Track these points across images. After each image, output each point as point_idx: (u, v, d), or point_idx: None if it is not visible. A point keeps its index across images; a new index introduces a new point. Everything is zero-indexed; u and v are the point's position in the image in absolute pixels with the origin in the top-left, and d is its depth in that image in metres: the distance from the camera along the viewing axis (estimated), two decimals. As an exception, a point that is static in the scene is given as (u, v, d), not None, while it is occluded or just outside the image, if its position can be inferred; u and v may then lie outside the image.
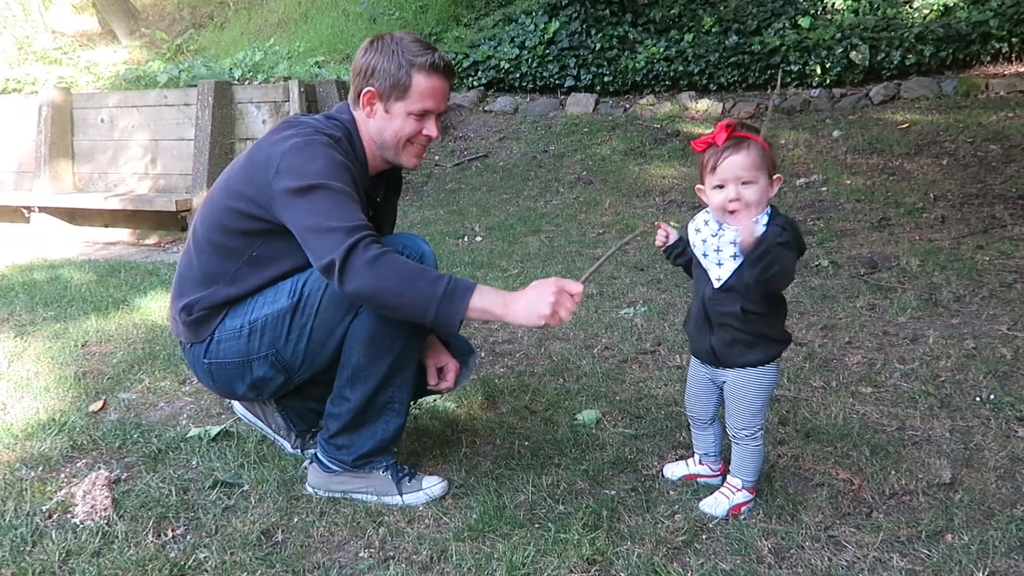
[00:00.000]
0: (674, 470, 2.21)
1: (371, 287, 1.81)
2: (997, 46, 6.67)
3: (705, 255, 1.95)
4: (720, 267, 1.92)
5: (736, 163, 1.85)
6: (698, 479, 2.17)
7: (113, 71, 8.51)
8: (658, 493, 2.12)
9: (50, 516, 2.07)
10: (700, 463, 2.18)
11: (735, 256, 1.88)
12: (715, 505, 2.02)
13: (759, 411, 1.98)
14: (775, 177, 1.91)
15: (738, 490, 2.01)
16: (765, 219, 1.88)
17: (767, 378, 1.97)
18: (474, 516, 2.01)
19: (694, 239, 1.98)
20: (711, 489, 2.08)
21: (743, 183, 1.86)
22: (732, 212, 1.87)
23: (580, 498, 2.10)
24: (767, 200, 1.89)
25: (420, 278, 1.82)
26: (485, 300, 1.83)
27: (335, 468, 2.13)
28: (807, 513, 1.99)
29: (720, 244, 1.91)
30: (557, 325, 1.83)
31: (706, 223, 1.97)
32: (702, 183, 1.94)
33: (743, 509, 2.01)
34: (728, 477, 2.05)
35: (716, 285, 1.93)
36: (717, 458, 2.15)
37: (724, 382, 2.02)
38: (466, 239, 5.28)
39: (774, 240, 1.80)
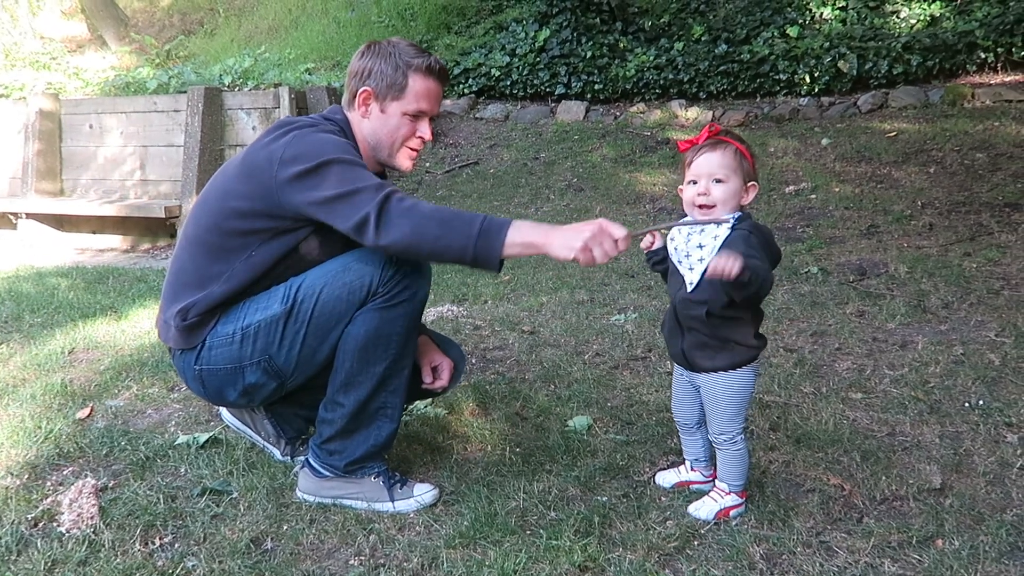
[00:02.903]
0: (666, 478, 2.20)
1: (410, 235, 1.83)
2: (983, 56, 6.74)
3: (680, 261, 1.98)
4: (691, 271, 1.95)
5: (711, 160, 1.91)
6: (691, 486, 2.17)
7: (102, 77, 8.47)
8: (650, 499, 2.12)
9: (36, 524, 2.04)
10: (692, 469, 2.18)
11: (702, 260, 1.91)
12: (702, 509, 2.02)
13: (735, 415, 1.99)
14: (750, 184, 1.94)
15: (726, 494, 2.02)
16: (731, 220, 1.90)
17: (740, 383, 1.98)
18: (465, 523, 2.00)
19: (669, 247, 2.02)
20: (703, 495, 2.08)
21: (715, 180, 1.91)
22: (701, 207, 1.92)
23: (571, 504, 2.10)
24: (737, 203, 1.93)
25: (456, 219, 1.84)
26: (524, 233, 1.83)
27: (326, 473, 2.12)
28: (798, 519, 1.99)
29: (689, 249, 1.94)
30: (589, 263, 1.80)
31: (679, 231, 2.00)
32: (683, 182, 1.99)
33: (732, 513, 2.01)
34: (716, 482, 2.06)
35: (688, 289, 1.95)
36: (708, 463, 2.15)
37: (700, 387, 2.03)
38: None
39: (750, 260, 1.79)
